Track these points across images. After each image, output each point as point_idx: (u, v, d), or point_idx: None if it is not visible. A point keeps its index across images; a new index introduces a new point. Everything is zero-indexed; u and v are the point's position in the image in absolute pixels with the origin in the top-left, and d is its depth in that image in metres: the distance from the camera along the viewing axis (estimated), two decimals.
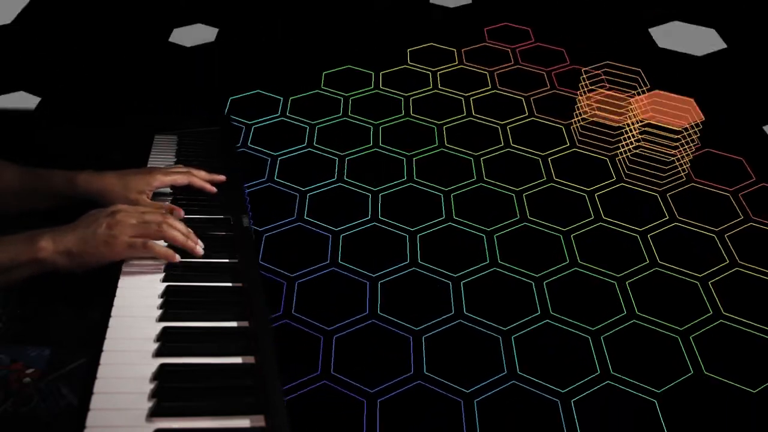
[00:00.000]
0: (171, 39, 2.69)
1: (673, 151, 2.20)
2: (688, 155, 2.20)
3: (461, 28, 2.84)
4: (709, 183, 2.13)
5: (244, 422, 0.84)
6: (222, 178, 1.26)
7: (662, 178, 2.13)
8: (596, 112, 2.35)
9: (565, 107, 2.42)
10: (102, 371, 0.87)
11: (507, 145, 2.23)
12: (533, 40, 2.79)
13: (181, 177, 1.21)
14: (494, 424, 1.49)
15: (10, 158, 1.21)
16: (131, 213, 1.05)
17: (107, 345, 0.92)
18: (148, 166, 1.32)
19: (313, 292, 1.75)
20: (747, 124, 2.37)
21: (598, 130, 2.31)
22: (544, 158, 2.19)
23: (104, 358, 0.89)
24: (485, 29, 2.84)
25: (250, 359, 0.92)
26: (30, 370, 1.04)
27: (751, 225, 2.00)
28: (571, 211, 2.03)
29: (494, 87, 2.50)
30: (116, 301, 0.99)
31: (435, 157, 2.19)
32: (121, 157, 1.33)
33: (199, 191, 1.25)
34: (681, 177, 2.14)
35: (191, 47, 2.65)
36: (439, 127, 2.30)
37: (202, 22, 2.79)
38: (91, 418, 0.81)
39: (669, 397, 1.55)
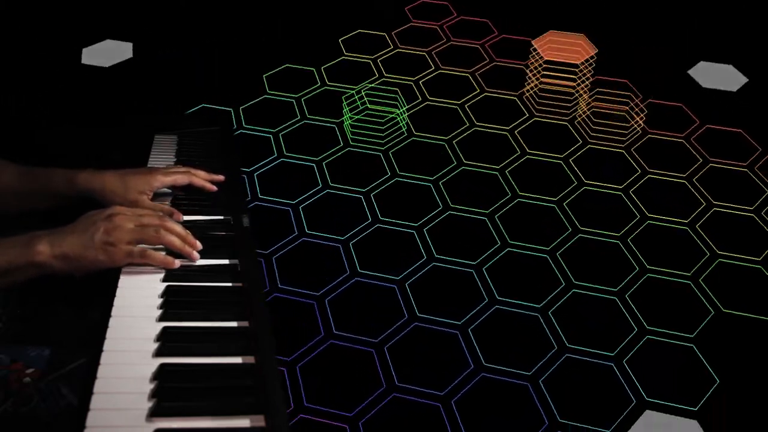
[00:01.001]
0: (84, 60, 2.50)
1: (621, 107, 2.35)
2: (638, 109, 2.35)
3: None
4: (663, 132, 2.32)
5: (244, 422, 0.84)
6: (221, 177, 1.26)
7: (623, 135, 2.28)
8: (547, 79, 2.41)
9: (511, 78, 2.46)
10: (102, 371, 0.87)
11: (472, 124, 2.25)
12: (456, 15, 2.80)
13: (182, 177, 1.20)
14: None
15: (10, 158, 1.21)
16: (129, 217, 1.04)
17: (107, 345, 0.91)
18: (148, 166, 1.32)
19: (346, 306, 1.73)
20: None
21: (553, 96, 2.38)
22: (511, 131, 2.22)
23: (104, 358, 0.89)
24: (406, 9, 2.83)
25: (250, 359, 0.92)
26: (30, 370, 1.04)
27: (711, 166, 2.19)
28: (553, 180, 2.09)
29: (437, 67, 2.49)
30: (116, 301, 0.99)
31: (409, 147, 2.19)
32: (121, 157, 1.33)
33: (199, 191, 1.25)
34: (637, 131, 2.30)
35: (109, 67, 2.47)
36: (402, 116, 2.29)
37: (110, 38, 2.60)
38: (91, 418, 0.81)
39: (622, 355, 1.62)
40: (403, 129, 2.24)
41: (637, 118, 2.30)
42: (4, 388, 1.01)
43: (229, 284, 1.06)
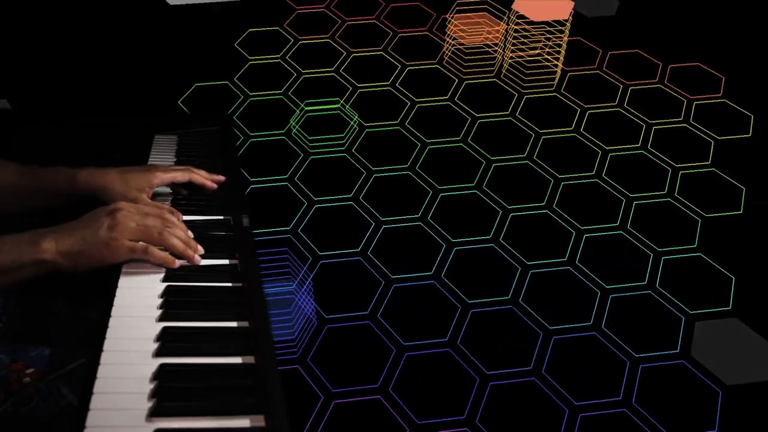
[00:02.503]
0: None
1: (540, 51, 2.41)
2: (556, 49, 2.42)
3: (264, 6, 2.67)
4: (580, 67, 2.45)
5: (244, 422, 0.84)
6: (222, 178, 1.26)
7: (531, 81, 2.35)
8: (466, 38, 2.42)
9: (423, 46, 2.43)
10: (102, 371, 0.87)
11: (413, 103, 2.22)
12: None
13: (181, 174, 1.20)
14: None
15: (9, 157, 1.21)
16: (132, 214, 1.04)
17: (107, 345, 0.91)
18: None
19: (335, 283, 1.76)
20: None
21: (473, 56, 2.40)
22: (451, 99, 2.22)
23: (104, 358, 0.89)
24: None
25: (250, 359, 0.92)
26: (30, 370, 1.04)
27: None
28: (517, 141, 2.14)
29: (349, 53, 2.43)
30: (116, 301, 0.99)
31: (367, 138, 2.15)
32: (121, 157, 1.33)
33: (199, 191, 1.25)
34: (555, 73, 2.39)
35: None
36: (343, 106, 2.24)
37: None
38: (91, 418, 0.81)
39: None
40: (354, 124, 2.19)
41: (553, 60, 2.34)
42: (4, 388, 1.01)
43: (229, 284, 1.06)
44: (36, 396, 1.02)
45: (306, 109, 2.13)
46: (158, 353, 0.91)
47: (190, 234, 1.10)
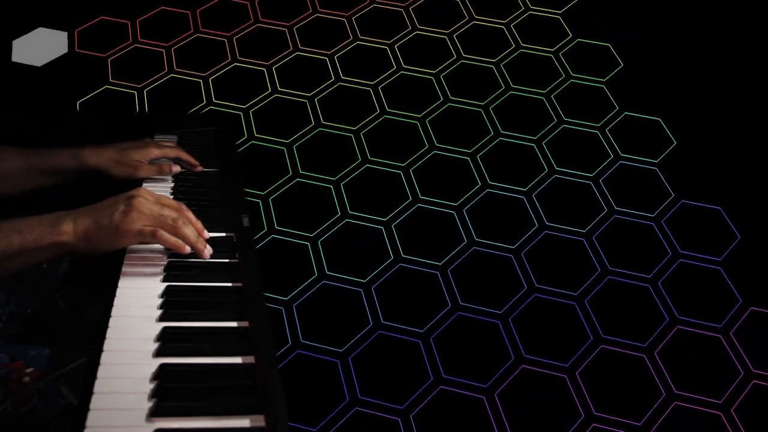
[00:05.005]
0: None
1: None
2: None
3: None
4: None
5: (244, 422, 0.84)
6: (199, 167, 1.33)
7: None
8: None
9: (385, 22, 2.28)
10: (102, 371, 0.87)
11: (399, 67, 2.14)
12: None
13: (172, 151, 1.30)
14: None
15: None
16: (149, 202, 1.05)
17: (107, 345, 0.91)
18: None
19: (338, 246, 1.75)
20: None
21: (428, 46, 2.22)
22: (437, 76, 2.14)
23: (104, 358, 0.89)
24: None
25: (250, 359, 0.92)
26: (29, 370, 1.04)
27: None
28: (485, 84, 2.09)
29: (315, 10, 2.27)
30: (116, 301, 0.99)
31: (334, 94, 2.07)
32: None
33: (198, 192, 1.26)
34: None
35: None
36: (329, 58, 2.15)
37: None
38: (91, 418, 0.81)
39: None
40: (331, 74, 2.08)
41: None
42: (3, 387, 1.02)
43: (229, 284, 1.06)
44: (35, 396, 1.02)
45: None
46: (158, 353, 0.91)
47: (207, 235, 1.11)
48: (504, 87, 2.09)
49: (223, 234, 1.16)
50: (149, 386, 0.86)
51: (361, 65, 2.13)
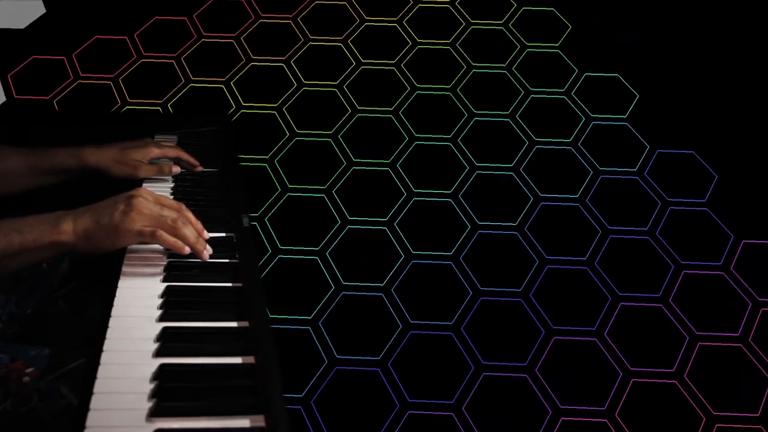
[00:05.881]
0: None
1: None
2: None
3: None
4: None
5: (244, 422, 0.84)
6: (199, 167, 1.33)
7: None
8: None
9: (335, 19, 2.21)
10: (102, 371, 0.87)
11: (359, 63, 2.08)
12: None
13: (171, 150, 1.30)
14: None
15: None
16: (149, 202, 1.05)
17: (107, 345, 0.91)
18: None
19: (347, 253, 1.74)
20: None
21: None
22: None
23: (104, 358, 0.89)
24: None
25: (250, 359, 0.92)
26: (29, 369, 1.04)
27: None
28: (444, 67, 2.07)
29: (258, 17, 2.16)
30: (116, 301, 0.99)
31: (300, 100, 2.00)
32: None
33: (198, 192, 1.26)
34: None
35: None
36: (286, 64, 2.05)
37: None
38: (91, 418, 0.81)
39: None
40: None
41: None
42: (4, 387, 1.02)
43: (229, 284, 1.06)
44: (35, 395, 1.02)
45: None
46: (158, 353, 0.91)
47: (207, 235, 1.11)
48: (465, 67, 2.07)
49: (223, 234, 1.16)
50: (149, 386, 0.86)
51: (317, 66, 2.08)
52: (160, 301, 1.00)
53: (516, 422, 1.52)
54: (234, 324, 0.98)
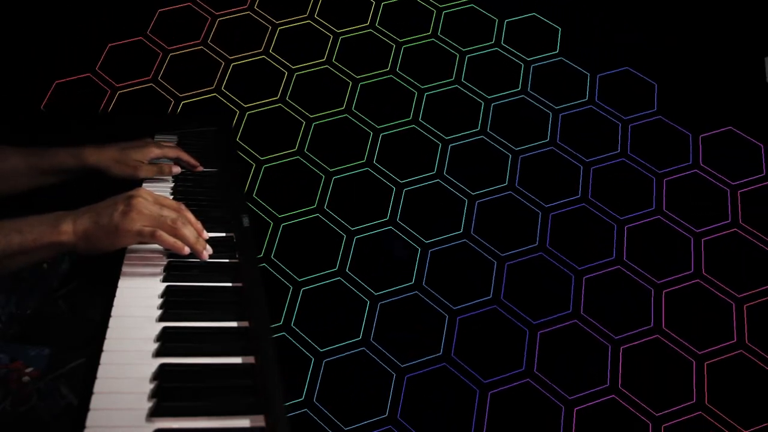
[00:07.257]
0: None
1: None
2: None
3: None
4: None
5: (244, 422, 0.84)
6: (199, 168, 1.33)
7: None
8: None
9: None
10: (102, 371, 0.87)
11: (290, 72, 2.01)
12: None
13: (171, 151, 1.30)
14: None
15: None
16: (149, 203, 1.05)
17: (107, 345, 0.91)
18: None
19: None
20: None
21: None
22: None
23: (104, 358, 0.89)
24: None
25: (250, 359, 0.92)
26: (29, 369, 1.04)
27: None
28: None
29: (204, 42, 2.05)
30: (116, 301, 0.99)
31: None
32: None
33: (198, 193, 1.26)
34: None
35: None
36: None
37: None
38: (91, 418, 0.81)
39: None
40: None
41: None
42: (3, 387, 1.02)
43: (229, 284, 1.06)
44: (35, 395, 1.02)
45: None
46: (158, 353, 0.91)
47: (206, 235, 1.11)
48: (395, 45, 2.05)
49: (223, 234, 1.17)
50: (149, 386, 0.86)
51: (254, 85, 1.99)
52: (160, 301, 1.00)
53: (536, 429, 1.51)
54: (234, 324, 0.98)
